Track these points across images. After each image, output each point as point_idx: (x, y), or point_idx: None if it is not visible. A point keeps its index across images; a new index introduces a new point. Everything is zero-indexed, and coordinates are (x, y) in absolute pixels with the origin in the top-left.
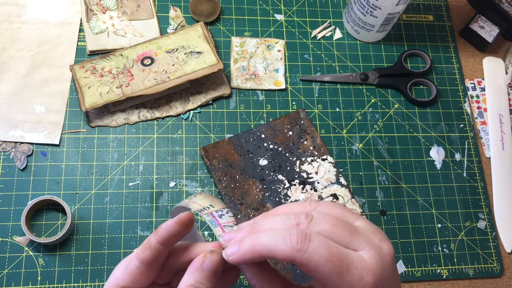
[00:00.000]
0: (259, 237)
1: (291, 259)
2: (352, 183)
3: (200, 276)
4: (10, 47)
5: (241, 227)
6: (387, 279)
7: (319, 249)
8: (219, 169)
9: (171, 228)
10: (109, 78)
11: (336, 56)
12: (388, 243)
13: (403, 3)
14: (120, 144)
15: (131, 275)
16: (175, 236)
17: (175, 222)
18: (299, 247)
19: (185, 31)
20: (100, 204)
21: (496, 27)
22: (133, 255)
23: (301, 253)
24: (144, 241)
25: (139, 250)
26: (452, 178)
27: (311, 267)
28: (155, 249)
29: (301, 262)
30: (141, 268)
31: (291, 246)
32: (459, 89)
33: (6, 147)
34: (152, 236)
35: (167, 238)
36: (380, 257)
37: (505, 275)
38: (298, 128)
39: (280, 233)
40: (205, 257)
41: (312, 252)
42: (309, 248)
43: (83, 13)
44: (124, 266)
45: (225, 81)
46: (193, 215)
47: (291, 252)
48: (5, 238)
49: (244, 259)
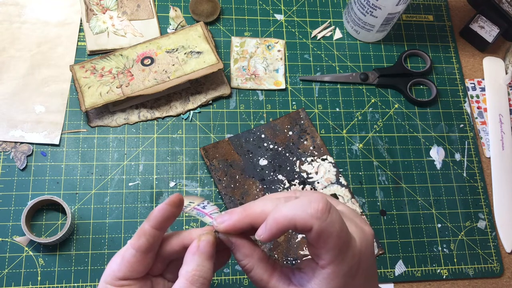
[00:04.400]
0: (280, 209)
1: (309, 227)
2: (352, 183)
3: (199, 259)
4: (10, 47)
5: (232, 210)
6: (369, 256)
7: (335, 223)
8: (219, 169)
9: (164, 211)
10: (109, 78)
11: (336, 56)
12: (368, 225)
13: (403, 3)
14: (120, 144)
15: (128, 265)
16: (168, 219)
17: (166, 204)
18: (319, 216)
19: (185, 31)
20: (100, 204)
21: (496, 27)
22: (128, 246)
23: (319, 221)
24: (137, 230)
25: (133, 240)
26: (452, 178)
27: (323, 237)
28: (150, 234)
29: (317, 230)
30: (138, 256)
31: (311, 214)
32: (459, 89)
33: (6, 147)
34: (145, 223)
35: (160, 221)
36: (365, 237)
37: (505, 275)
38: (298, 128)
39: (300, 204)
40: (199, 241)
41: (330, 223)
42: (328, 219)
43: (83, 13)
44: (120, 257)
45: (225, 81)
46: (182, 195)
47: (311, 219)
48: (5, 238)
49: (272, 233)
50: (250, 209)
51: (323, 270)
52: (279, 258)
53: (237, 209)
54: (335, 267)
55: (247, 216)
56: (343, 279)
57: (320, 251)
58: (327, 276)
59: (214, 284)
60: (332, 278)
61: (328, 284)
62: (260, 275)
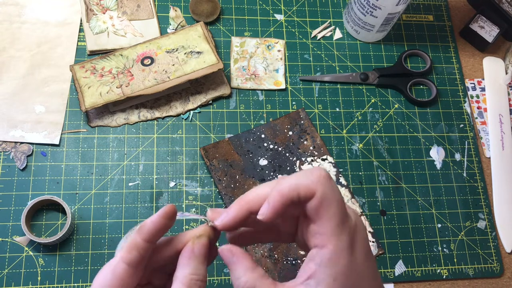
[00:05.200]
0: (282, 182)
1: (312, 192)
2: (352, 183)
3: (195, 262)
4: (10, 47)
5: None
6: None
7: (336, 190)
8: (219, 169)
9: (157, 223)
10: (109, 78)
11: (336, 56)
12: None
13: (403, 3)
14: (120, 144)
15: (120, 280)
16: (161, 231)
17: (160, 216)
18: (322, 181)
19: (185, 31)
20: (100, 204)
21: (496, 27)
22: (118, 259)
23: (323, 187)
24: (127, 243)
25: (125, 253)
26: (452, 178)
27: (325, 203)
28: (142, 248)
29: (321, 195)
30: (129, 271)
31: (314, 180)
32: (459, 89)
33: (6, 147)
34: (137, 236)
35: (153, 234)
36: (354, 212)
37: (505, 275)
38: (298, 128)
39: (302, 173)
40: (193, 244)
41: (332, 189)
42: (330, 185)
43: (83, 13)
44: (110, 273)
45: (225, 81)
46: (175, 206)
47: (315, 185)
48: (5, 238)
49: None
50: (245, 197)
51: (325, 250)
52: (279, 258)
53: (232, 205)
54: (336, 240)
55: (244, 203)
56: (347, 256)
57: (321, 222)
58: (330, 254)
59: (214, 284)
60: (335, 255)
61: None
62: None
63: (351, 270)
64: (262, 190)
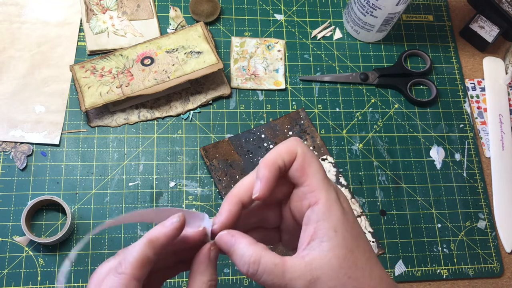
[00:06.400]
0: (263, 159)
1: (294, 152)
2: (352, 183)
3: (213, 269)
4: (10, 47)
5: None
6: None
7: (311, 150)
8: (219, 169)
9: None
10: (109, 78)
11: (336, 56)
12: None
13: (403, 3)
14: (120, 144)
15: None
16: (170, 244)
17: (174, 228)
18: (299, 143)
19: (185, 31)
20: (100, 204)
21: (496, 27)
22: (129, 277)
23: (302, 145)
24: (136, 258)
25: (137, 271)
26: (452, 178)
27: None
28: (153, 261)
29: (302, 153)
30: (139, 286)
31: (292, 144)
32: (459, 89)
33: (6, 147)
34: (148, 250)
35: (166, 247)
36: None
37: (505, 275)
38: (298, 128)
39: (279, 144)
40: (210, 250)
41: (307, 148)
42: (304, 145)
43: (83, 13)
44: None
45: (225, 81)
46: (184, 216)
47: (294, 146)
48: (5, 238)
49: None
50: (233, 192)
51: (319, 205)
52: None
53: (222, 203)
54: (326, 193)
55: (234, 197)
56: (339, 208)
57: (308, 179)
58: (324, 206)
59: None
60: (329, 207)
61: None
62: (272, 259)
63: (346, 222)
64: (246, 180)
